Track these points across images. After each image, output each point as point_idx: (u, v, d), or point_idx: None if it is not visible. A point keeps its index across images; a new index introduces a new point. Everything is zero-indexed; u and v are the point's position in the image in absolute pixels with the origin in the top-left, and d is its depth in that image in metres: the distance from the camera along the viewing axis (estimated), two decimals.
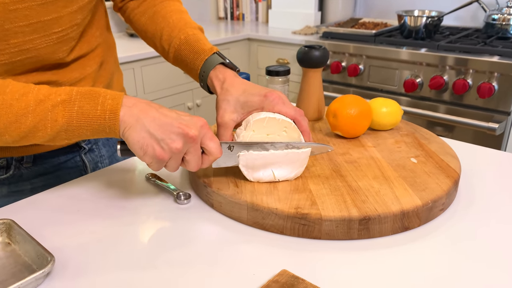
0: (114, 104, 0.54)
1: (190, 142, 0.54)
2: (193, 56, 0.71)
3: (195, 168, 0.57)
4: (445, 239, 0.56)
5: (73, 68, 0.70)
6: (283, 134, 0.63)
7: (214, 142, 0.57)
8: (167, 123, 0.54)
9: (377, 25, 2.08)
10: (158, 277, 0.50)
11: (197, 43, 0.72)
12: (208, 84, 0.70)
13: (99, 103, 0.54)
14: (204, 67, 0.70)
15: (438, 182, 0.62)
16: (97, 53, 0.75)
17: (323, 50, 0.84)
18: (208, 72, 0.69)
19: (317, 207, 0.57)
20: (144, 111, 0.55)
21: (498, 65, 1.52)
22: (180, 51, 0.73)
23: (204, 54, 0.70)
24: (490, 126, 1.55)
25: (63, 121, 0.54)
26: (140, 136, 0.54)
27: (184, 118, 0.55)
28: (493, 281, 0.49)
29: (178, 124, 0.54)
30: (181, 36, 0.73)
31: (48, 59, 0.65)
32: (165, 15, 0.75)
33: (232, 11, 2.84)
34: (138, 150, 0.54)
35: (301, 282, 0.47)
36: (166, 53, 0.76)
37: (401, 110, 0.82)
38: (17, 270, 0.51)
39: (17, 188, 0.75)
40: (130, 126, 0.54)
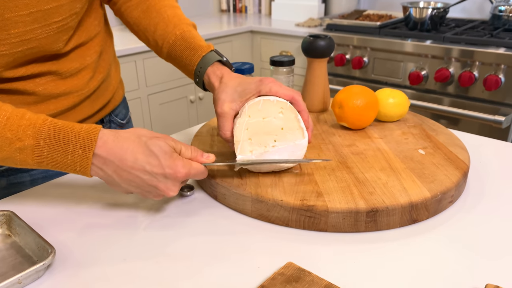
0: (84, 157, 0.52)
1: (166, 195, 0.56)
2: (189, 52, 0.71)
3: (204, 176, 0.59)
4: (455, 232, 0.55)
5: (72, 58, 0.70)
6: (280, 116, 0.61)
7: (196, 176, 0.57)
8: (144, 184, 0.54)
9: (381, 17, 2.05)
10: (161, 270, 0.49)
11: (193, 39, 0.72)
12: (204, 80, 0.70)
13: (68, 153, 0.52)
14: (201, 64, 0.69)
15: (447, 174, 0.61)
16: (96, 43, 0.74)
17: (329, 39, 0.82)
18: (206, 69, 0.69)
19: (323, 199, 0.55)
20: (117, 173, 0.53)
21: (505, 57, 1.50)
22: (175, 46, 0.72)
23: (201, 50, 0.70)
24: (496, 119, 1.53)
25: (33, 163, 0.52)
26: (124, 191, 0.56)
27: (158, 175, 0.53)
28: (503, 274, 0.47)
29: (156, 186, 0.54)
30: (176, 31, 0.72)
31: (48, 50, 0.64)
32: (159, 9, 0.75)
33: (235, 3, 2.81)
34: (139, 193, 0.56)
35: (307, 274, 0.46)
36: (160, 48, 0.75)
37: (408, 101, 0.80)
38: (18, 262, 0.50)
39: (16, 180, 0.74)
40: (109, 183, 0.55)
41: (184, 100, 2.12)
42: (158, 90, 1.99)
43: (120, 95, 0.86)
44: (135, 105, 1.91)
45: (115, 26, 2.20)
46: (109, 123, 0.85)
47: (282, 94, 0.62)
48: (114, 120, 0.86)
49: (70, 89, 0.70)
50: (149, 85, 1.94)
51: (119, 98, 0.86)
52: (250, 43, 2.36)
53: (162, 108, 2.03)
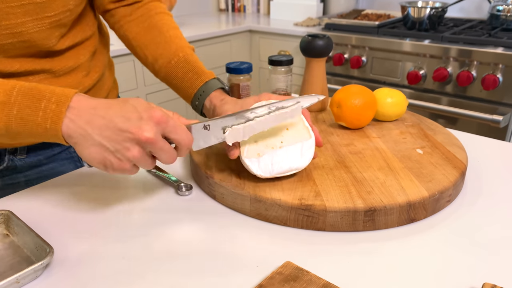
0: (57, 112, 0.48)
1: (148, 144, 0.49)
2: (192, 75, 0.73)
3: (170, 162, 0.53)
4: (452, 231, 0.55)
5: (67, 56, 0.69)
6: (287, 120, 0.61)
7: (178, 132, 0.52)
8: (116, 130, 0.48)
9: (380, 17, 2.05)
10: (159, 269, 0.49)
11: (196, 63, 0.74)
12: (205, 103, 0.71)
13: (40, 108, 0.48)
14: (204, 88, 0.71)
15: (445, 173, 0.61)
16: (90, 42, 0.74)
17: (327, 39, 0.82)
18: (208, 93, 0.71)
19: (321, 198, 0.55)
20: (89, 122, 0.49)
21: (503, 56, 1.50)
22: (177, 68, 0.74)
23: (205, 76, 0.72)
24: (494, 119, 1.53)
25: (1, 124, 0.49)
26: (93, 152, 0.49)
27: (134, 119, 0.49)
28: (501, 273, 0.48)
29: (128, 128, 0.48)
30: (179, 53, 0.74)
31: (41, 46, 0.64)
32: (161, 28, 0.76)
33: (233, 3, 2.81)
34: (98, 165, 0.50)
35: (305, 274, 0.46)
36: (158, 67, 0.75)
37: (406, 101, 0.80)
38: (16, 261, 0.50)
39: (11, 180, 0.74)
40: (78, 143, 0.49)
41: (181, 101, 2.12)
42: (156, 90, 1.99)
43: (114, 95, 0.86)
44: None
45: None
46: None
47: None
48: None
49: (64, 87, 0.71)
50: (147, 85, 1.94)
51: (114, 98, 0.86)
52: (249, 43, 2.35)
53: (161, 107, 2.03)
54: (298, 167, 0.59)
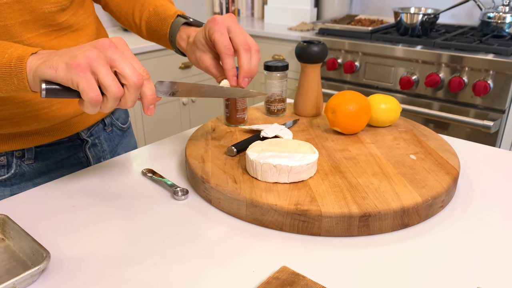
0: (23, 53, 0.50)
1: (106, 48, 0.48)
2: (161, 24, 0.73)
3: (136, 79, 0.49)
4: (445, 236, 0.56)
5: (65, 40, 0.70)
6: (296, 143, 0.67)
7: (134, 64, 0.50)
8: (78, 47, 0.49)
9: (373, 22, 2.07)
10: (156, 274, 0.49)
11: (164, 11, 0.73)
12: (178, 48, 0.72)
13: (7, 52, 0.50)
14: (171, 32, 0.71)
15: (438, 179, 0.62)
16: (87, 32, 0.75)
17: (322, 45, 0.83)
18: (175, 36, 0.71)
19: (317, 203, 0.56)
20: (54, 51, 0.50)
21: (494, 63, 1.53)
22: (150, 22, 0.75)
23: (169, 18, 0.72)
24: (485, 124, 1.55)
25: None
26: (52, 60, 0.48)
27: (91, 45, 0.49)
28: (493, 278, 0.48)
29: (90, 43, 0.49)
30: (149, 8, 0.75)
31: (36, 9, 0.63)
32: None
33: (228, 7, 2.82)
34: (48, 69, 0.47)
35: (301, 278, 0.47)
36: (139, 28, 0.77)
37: (400, 107, 0.81)
38: (12, 266, 0.50)
39: (19, 190, 0.73)
40: (39, 64, 0.49)
41: (177, 103, 2.12)
42: None
43: None
44: None
45: (108, 28, 2.19)
46: (111, 126, 0.86)
47: (215, 41, 0.62)
48: (115, 123, 0.87)
49: None
50: None
51: None
52: None
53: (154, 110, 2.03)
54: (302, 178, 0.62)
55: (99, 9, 0.86)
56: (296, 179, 0.61)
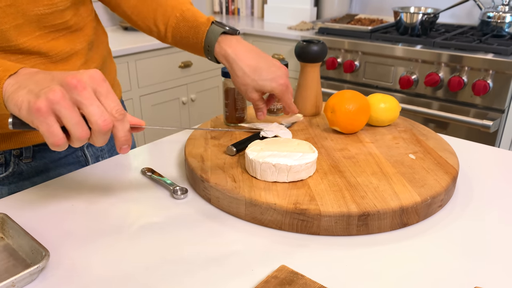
0: (1, 76, 0.48)
1: (73, 89, 0.44)
2: (193, 31, 0.72)
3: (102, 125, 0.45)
4: (444, 236, 0.56)
5: (62, 41, 0.69)
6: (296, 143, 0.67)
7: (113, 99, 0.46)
8: (49, 79, 0.46)
9: (373, 21, 2.07)
10: (154, 273, 0.49)
11: (194, 17, 0.72)
12: (217, 58, 0.73)
13: None
14: (208, 41, 0.71)
15: (437, 179, 0.62)
16: (85, 33, 0.74)
17: (322, 44, 0.83)
18: (213, 46, 0.71)
19: (316, 202, 0.56)
20: (30, 75, 0.47)
21: (493, 62, 1.53)
22: (178, 29, 0.73)
23: (203, 26, 0.71)
24: (484, 124, 1.56)
25: None
26: (19, 94, 0.46)
27: (72, 72, 0.46)
28: (491, 277, 0.49)
29: (60, 76, 0.46)
30: (176, 13, 0.73)
31: (28, 11, 0.62)
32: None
33: (227, 6, 2.82)
34: (13, 108, 0.46)
35: (300, 277, 0.47)
36: (163, 34, 0.76)
37: (399, 106, 0.81)
38: (11, 265, 0.50)
39: (17, 188, 0.73)
40: (11, 92, 0.46)
41: (176, 102, 2.12)
42: (150, 92, 1.99)
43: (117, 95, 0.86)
44: (127, 106, 1.90)
45: (108, 27, 2.19)
46: None
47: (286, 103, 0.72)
48: None
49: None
50: (141, 86, 1.94)
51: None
52: None
53: (154, 109, 2.03)
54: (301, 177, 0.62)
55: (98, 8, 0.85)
56: (295, 179, 0.61)
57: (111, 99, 0.46)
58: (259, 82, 0.69)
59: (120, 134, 0.48)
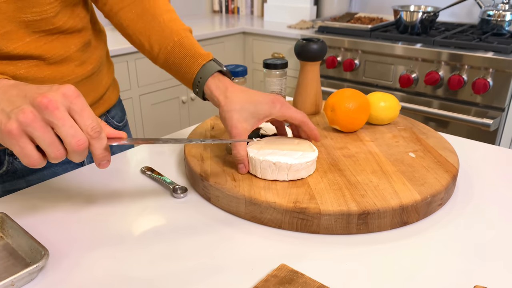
0: None
1: (44, 110, 0.43)
2: (188, 60, 0.69)
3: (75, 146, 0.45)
4: (444, 234, 0.56)
5: (56, 44, 0.68)
6: (296, 141, 0.67)
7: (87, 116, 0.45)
8: (21, 96, 0.45)
9: (372, 20, 2.07)
10: (154, 272, 0.49)
11: (193, 46, 0.70)
12: (205, 91, 0.68)
13: None
14: (201, 73, 0.68)
15: (437, 177, 0.62)
16: (82, 34, 0.73)
17: (321, 43, 0.83)
18: (206, 79, 0.67)
19: (315, 201, 0.56)
20: (4, 91, 0.46)
21: (493, 61, 1.53)
22: (173, 53, 0.71)
23: (201, 59, 0.69)
24: (484, 122, 1.56)
25: None
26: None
27: (44, 88, 0.45)
28: (492, 275, 0.48)
29: (32, 95, 0.44)
30: (174, 38, 0.71)
31: (15, 18, 0.61)
32: (154, 13, 0.73)
33: (227, 4, 2.81)
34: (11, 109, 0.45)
35: (300, 276, 0.47)
36: (156, 54, 0.73)
37: (399, 105, 0.81)
38: (10, 264, 0.50)
39: (12, 186, 0.73)
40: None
41: (176, 101, 2.12)
42: (149, 91, 1.98)
43: (115, 95, 0.86)
44: (126, 105, 1.90)
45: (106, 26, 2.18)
46: None
47: (294, 117, 0.65)
48: (110, 122, 0.86)
49: (55, 75, 0.69)
50: (140, 86, 1.94)
51: (114, 98, 0.86)
52: (242, 44, 2.36)
53: (153, 108, 2.03)
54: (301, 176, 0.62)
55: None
56: (295, 177, 0.61)
57: (86, 116, 0.45)
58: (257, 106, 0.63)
59: (97, 152, 0.47)
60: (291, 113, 0.65)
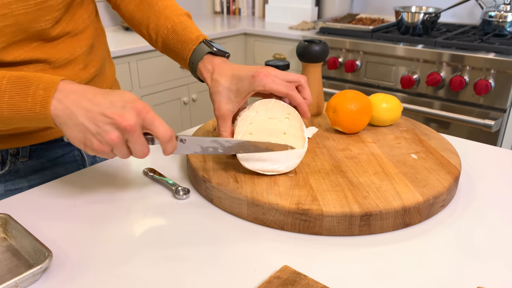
0: (45, 97, 0.51)
1: (126, 133, 0.51)
2: (181, 45, 0.70)
3: (141, 157, 0.54)
4: (446, 236, 0.56)
5: (62, 48, 0.69)
6: (285, 121, 0.64)
7: (157, 125, 0.53)
8: (99, 114, 0.51)
9: (374, 21, 2.07)
10: (157, 273, 0.49)
11: (184, 31, 0.71)
12: (198, 75, 0.70)
13: (29, 94, 0.51)
14: (193, 58, 0.69)
15: (439, 178, 0.62)
16: (86, 36, 0.73)
17: (323, 44, 0.83)
18: (197, 63, 0.68)
19: (318, 202, 0.56)
20: (75, 103, 0.51)
21: (495, 62, 1.53)
22: (168, 40, 0.72)
23: (191, 43, 0.69)
24: (486, 123, 1.55)
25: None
26: (76, 131, 0.52)
27: (117, 106, 0.51)
28: (494, 277, 0.48)
29: (110, 115, 0.50)
30: (167, 24, 0.72)
31: (30, 28, 0.62)
32: (150, 2, 0.75)
33: (229, 6, 2.82)
34: (79, 144, 0.53)
35: (303, 278, 0.47)
36: (154, 42, 0.76)
37: (401, 106, 0.81)
38: (14, 265, 0.50)
39: (14, 186, 0.73)
40: (64, 122, 0.52)
41: (178, 102, 2.12)
42: (151, 92, 1.99)
43: None
44: None
45: (109, 27, 2.19)
46: None
47: (276, 90, 0.61)
48: None
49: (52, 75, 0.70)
50: (142, 86, 1.94)
51: None
52: (244, 46, 2.36)
53: (155, 109, 2.03)
54: (280, 170, 0.63)
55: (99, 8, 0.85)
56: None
57: (157, 125, 0.53)
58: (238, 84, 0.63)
59: (169, 151, 0.55)
60: (273, 86, 0.61)
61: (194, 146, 0.59)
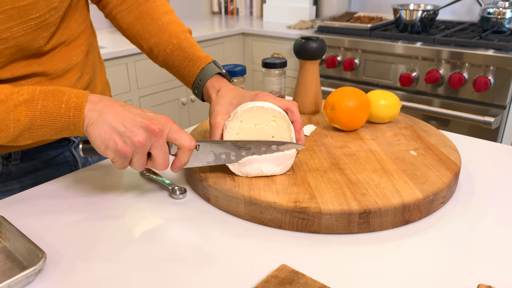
0: (79, 102, 0.53)
1: (153, 136, 0.53)
2: (188, 62, 0.71)
3: (162, 167, 0.56)
4: (446, 232, 0.55)
5: (58, 58, 0.68)
6: (272, 124, 0.62)
7: (182, 133, 0.56)
8: (130, 117, 0.53)
9: (372, 19, 2.06)
10: (153, 273, 0.48)
11: (191, 48, 0.71)
12: (203, 92, 0.70)
13: (63, 101, 0.53)
14: (201, 76, 0.70)
15: (439, 175, 0.61)
16: (81, 42, 0.72)
17: (320, 41, 0.82)
18: (205, 81, 0.69)
19: (316, 200, 0.55)
20: (108, 106, 0.54)
21: (494, 58, 1.52)
22: (172, 56, 0.72)
23: (200, 62, 0.70)
24: (486, 120, 1.55)
25: (26, 120, 0.53)
26: (102, 130, 0.53)
27: (148, 114, 0.55)
28: (495, 274, 0.48)
29: (141, 119, 0.53)
30: (173, 40, 0.72)
31: (28, 47, 0.62)
32: (153, 15, 0.73)
33: (226, 6, 2.81)
34: (100, 144, 0.53)
35: (301, 277, 0.46)
36: (155, 56, 0.75)
37: (400, 103, 0.81)
38: (7, 267, 0.49)
39: (5, 187, 0.73)
40: (92, 122, 0.53)
41: (176, 103, 2.11)
42: (149, 93, 1.98)
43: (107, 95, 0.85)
44: None
45: (105, 28, 2.18)
46: None
47: (278, 103, 0.63)
48: None
49: None
50: (140, 87, 1.94)
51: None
52: (242, 45, 2.36)
53: (153, 110, 2.02)
54: (274, 173, 0.62)
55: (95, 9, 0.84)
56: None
57: (181, 133, 0.55)
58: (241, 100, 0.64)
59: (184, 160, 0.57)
60: (275, 101, 0.63)
61: (207, 152, 0.60)
